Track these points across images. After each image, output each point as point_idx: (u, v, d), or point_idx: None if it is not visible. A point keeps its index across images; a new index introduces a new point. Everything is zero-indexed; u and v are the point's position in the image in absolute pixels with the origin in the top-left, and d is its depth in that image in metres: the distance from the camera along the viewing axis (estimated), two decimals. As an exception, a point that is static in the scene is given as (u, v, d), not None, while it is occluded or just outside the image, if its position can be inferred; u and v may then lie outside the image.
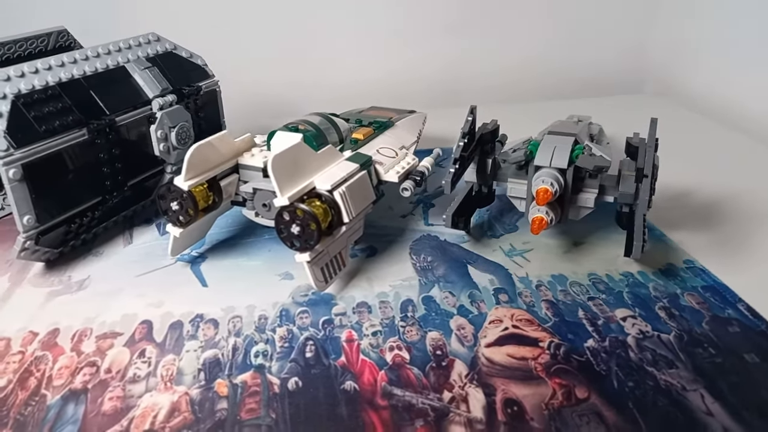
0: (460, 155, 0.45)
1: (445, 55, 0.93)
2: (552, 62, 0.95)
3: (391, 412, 0.33)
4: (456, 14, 0.91)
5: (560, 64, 0.95)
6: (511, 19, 0.93)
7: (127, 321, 0.42)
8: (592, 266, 0.46)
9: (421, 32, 0.91)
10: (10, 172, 0.40)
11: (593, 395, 0.34)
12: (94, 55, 0.49)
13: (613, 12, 0.93)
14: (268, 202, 0.45)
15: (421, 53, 0.92)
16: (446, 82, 0.94)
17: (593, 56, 0.95)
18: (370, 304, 0.43)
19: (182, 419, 0.33)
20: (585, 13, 0.93)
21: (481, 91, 0.93)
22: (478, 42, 0.93)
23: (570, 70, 0.95)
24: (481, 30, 0.92)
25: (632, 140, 0.46)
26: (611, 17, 0.94)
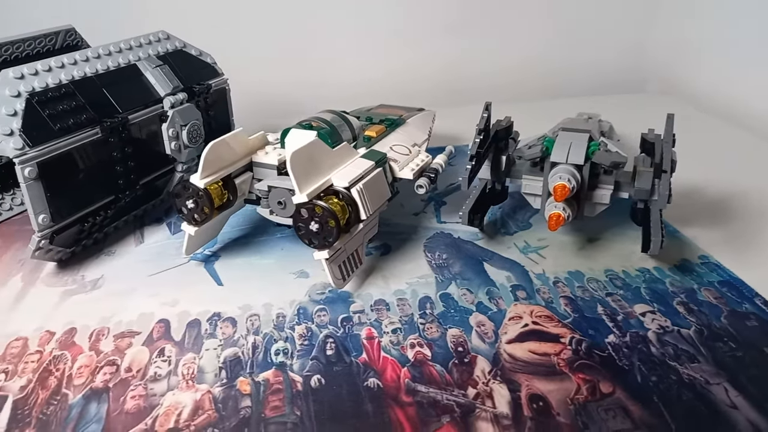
0: (477, 151, 0.45)
1: (447, 55, 0.93)
2: (554, 61, 0.95)
3: (417, 409, 0.33)
4: (457, 14, 0.91)
5: (562, 63, 0.95)
6: (513, 18, 0.93)
7: (144, 320, 0.41)
8: (608, 262, 0.46)
9: (423, 32, 0.91)
10: (26, 171, 0.40)
11: (618, 390, 0.34)
12: (106, 53, 0.49)
13: (615, 10, 0.94)
14: (284, 200, 0.44)
15: (423, 53, 0.92)
16: (448, 82, 0.94)
17: (595, 55, 0.96)
18: (388, 301, 0.43)
19: (206, 417, 0.33)
20: (587, 11, 0.93)
21: (483, 90, 0.93)
22: (480, 41, 0.93)
23: (572, 69, 0.96)
24: (483, 29, 0.93)
25: (647, 136, 0.46)
26: (613, 16, 0.94)
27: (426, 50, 0.92)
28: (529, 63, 0.95)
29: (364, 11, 0.89)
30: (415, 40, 0.91)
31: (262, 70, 0.86)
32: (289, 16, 0.87)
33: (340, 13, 0.88)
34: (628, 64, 0.97)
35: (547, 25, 0.94)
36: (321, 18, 0.88)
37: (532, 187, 0.48)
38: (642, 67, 0.97)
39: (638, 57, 0.96)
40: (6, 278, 0.46)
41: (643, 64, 0.96)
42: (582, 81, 0.96)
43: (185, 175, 0.54)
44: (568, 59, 0.95)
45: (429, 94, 0.91)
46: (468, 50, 0.93)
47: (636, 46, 0.96)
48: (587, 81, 0.96)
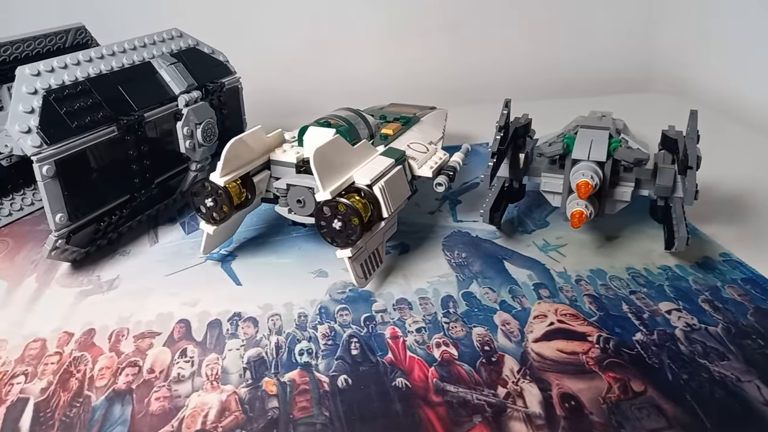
0: (498, 149, 0.44)
1: (450, 54, 0.93)
2: (559, 61, 0.95)
3: (447, 409, 0.33)
4: (462, 13, 0.91)
5: (568, 62, 0.95)
6: (518, 18, 0.93)
7: (163, 320, 0.41)
8: (629, 260, 0.46)
9: (427, 31, 0.91)
10: (44, 169, 0.39)
11: (649, 388, 0.34)
12: (120, 50, 0.48)
13: (621, 10, 0.94)
14: (303, 198, 0.44)
15: (430, 52, 0.92)
16: (453, 81, 0.93)
17: (601, 54, 0.96)
18: (410, 300, 0.42)
19: (234, 419, 0.33)
20: (593, 10, 0.93)
21: (487, 89, 0.93)
22: (485, 41, 0.93)
23: (578, 69, 0.96)
24: (487, 29, 0.92)
25: (669, 132, 0.46)
26: (619, 15, 0.94)
27: (432, 49, 0.92)
28: (534, 62, 0.95)
29: (371, 10, 0.89)
30: (421, 39, 0.91)
31: (268, 69, 0.86)
32: (295, 15, 0.86)
33: (346, 13, 0.88)
34: (634, 63, 0.97)
35: (552, 25, 0.94)
36: (327, 17, 0.88)
37: (552, 184, 0.47)
38: (648, 66, 0.96)
39: (644, 56, 0.96)
40: (20, 279, 0.46)
41: (649, 63, 0.96)
42: (587, 80, 0.95)
43: (199, 174, 0.54)
44: (573, 59, 0.95)
45: (435, 93, 0.91)
46: (473, 49, 0.93)
47: (642, 45, 0.96)
48: (593, 80, 0.96)
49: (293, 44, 0.88)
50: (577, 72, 0.95)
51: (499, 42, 0.93)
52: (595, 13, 0.93)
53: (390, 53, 0.91)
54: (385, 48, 0.91)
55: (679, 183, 0.45)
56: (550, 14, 0.93)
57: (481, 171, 0.61)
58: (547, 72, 0.94)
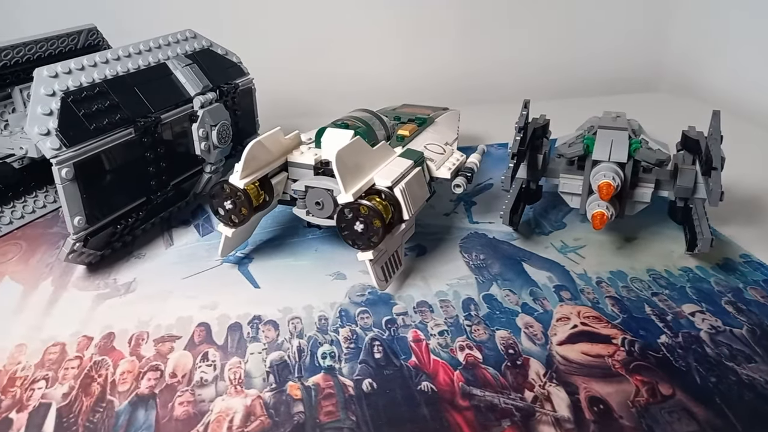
0: (519, 149, 0.44)
1: (459, 55, 0.93)
2: (567, 61, 0.95)
3: (475, 413, 0.33)
4: (470, 14, 0.91)
5: (576, 62, 0.95)
6: (527, 18, 0.92)
7: (183, 324, 0.40)
8: (649, 262, 0.46)
9: (436, 32, 0.91)
10: (63, 172, 0.39)
11: (678, 391, 0.34)
12: (136, 51, 0.48)
13: (629, 10, 0.93)
14: (321, 200, 0.43)
15: (436, 53, 0.91)
16: (462, 81, 0.93)
17: (609, 54, 0.95)
18: (430, 303, 0.42)
19: (259, 423, 0.32)
20: (601, 11, 0.93)
21: (495, 90, 0.93)
22: (492, 41, 0.92)
23: (586, 69, 0.95)
24: (495, 29, 0.92)
25: (690, 133, 0.46)
26: (627, 15, 0.94)
27: (441, 50, 0.92)
28: (542, 63, 0.94)
29: (380, 11, 0.88)
30: (431, 40, 0.91)
31: (276, 70, 0.85)
32: (305, 16, 0.86)
33: (356, 13, 0.88)
34: (644, 63, 0.96)
35: (560, 25, 0.94)
36: (337, 18, 0.87)
37: (571, 186, 0.47)
38: (656, 66, 0.96)
39: (654, 56, 0.96)
40: (36, 282, 0.45)
41: (659, 63, 0.96)
42: (595, 80, 0.95)
43: (213, 176, 0.53)
44: (581, 59, 0.95)
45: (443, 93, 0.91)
46: (481, 50, 0.93)
47: (650, 45, 0.95)
48: (601, 80, 0.95)
49: (303, 45, 0.87)
50: (586, 72, 0.95)
51: (507, 42, 0.92)
52: (604, 14, 0.93)
53: (399, 54, 0.90)
54: (394, 49, 0.90)
55: (700, 184, 0.44)
56: (558, 14, 0.93)
57: (495, 172, 0.61)
58: (555, 72, 0.94)
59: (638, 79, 0.96)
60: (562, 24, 0.93)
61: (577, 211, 0.48)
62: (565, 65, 0.94)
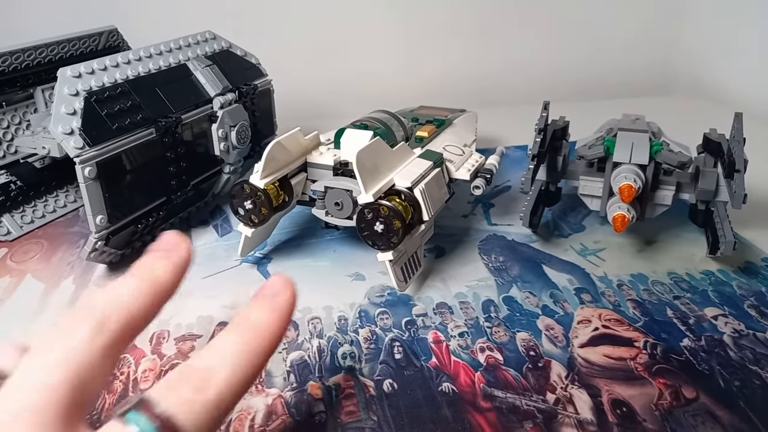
0: (539, 151, 0.44)
1: (474, 57, 0.92)
2: (580, 64, 0.94)
3: (497, 415, 0.32)
4: (485, 17, 0.91)
5: (589, 66, 0.94)
6: (540, 21, 0.92)
7: (203, 323, 0.41)
8: (670, 265, 0.45)
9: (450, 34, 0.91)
10: (86, 171, 0.39)
11: (701, 395, 0.33)
12: (157, 52, 0.48)
13: (642, 13, 0.93)
14: (341, 201, 0.43)
15: (451, 55, 0.91)
16: (475, 83, 0.93)
17: (622, 58, 0.95)
18: (450, 304, 0.42)
19: (281, 422, 0.32)
20: (614, 14, 0.93)
21: (508, 92, 0.93)
22: (508, 44, 0.92)
23: (599, 72, 0.95)
24: (510, 32, 0.92)
25: (711, 135, 0.45)
26: (641, 18, 0.93)
27: (455, 52, 0.91)
28: (555, 66, 0.94)
29: (394, 14, 0.88)
30: (445, 42, 0.91)
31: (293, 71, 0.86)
32: (321, 19, 0.86)
33: (371, 16, 0.88)
34: (656, 66, 0.96)
35: (574, 28, 0.93)
36: (352, 21, 0.87)
37: (590, 188, 0.47)
38: (670, 69, 0.96)
39: (666, 59, 0.95)
40: (58, 280, 0.46)
41: (671, 65, 0.96)
42: (610, 83, 0.95)
43: (232, 176, 0.54)
44: (597, 62, 0.95)
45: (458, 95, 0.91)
46: (495, 53, 0.93)
47: (664, 48, 0.95)
48: (615, 83, 0.95)
49: (319, 47, 0.88)
50: (600, 75, 0.94)
51: (521, 45, 0.92)
52: (617, 16, 0.93)
53: (415, 56, 0.90)
54: (410, 51, 0.90)
55: (721, 187, 0.44)
56: (572, 17, 0.92)
57: (512, 174, 0.61)
58: (568, 75, 0.94)
59: (653, 82, 0.96)
60: (575, 27, 0.93)
61: (596, 213, 0.48)
62: (579, 68, 0.94)
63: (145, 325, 0.26)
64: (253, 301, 0.27)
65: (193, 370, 0.23)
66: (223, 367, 0.24)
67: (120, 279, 0.26)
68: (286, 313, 0.27)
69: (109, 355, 0.24)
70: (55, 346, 0.23)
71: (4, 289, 0.45)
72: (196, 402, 0.22)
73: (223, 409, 0.23)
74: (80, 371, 0.22)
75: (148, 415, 0.22)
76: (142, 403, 0.22)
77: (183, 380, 0.23)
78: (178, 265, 0.28)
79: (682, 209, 0.50)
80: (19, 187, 0.52)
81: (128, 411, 0.22)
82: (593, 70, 0.95)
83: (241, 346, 0.25)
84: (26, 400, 0.21)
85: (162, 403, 0.22)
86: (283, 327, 0.26)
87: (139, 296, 0.25)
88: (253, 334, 0.25)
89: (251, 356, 0.24)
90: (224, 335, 0.25)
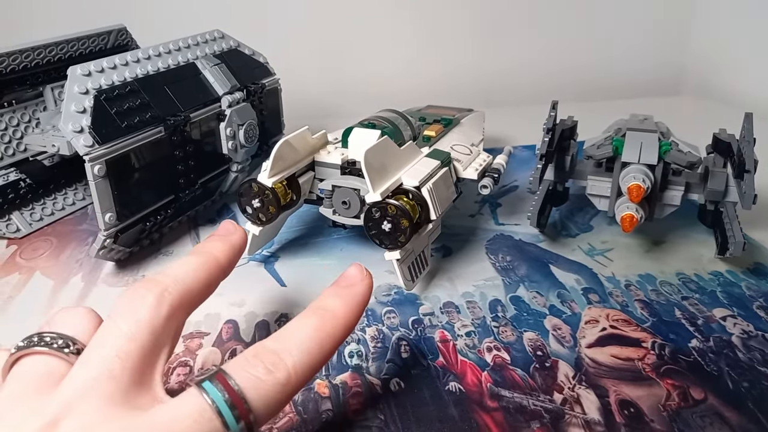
0: (547, 151, 0.44)
1: (481, 57, 0.92)
2: (587, 64, 0.94)
3: (504, 414, 0.32)
4: (492, 16, 0.90)
5: (596, 65, 0.94)
6: (549, 21, 0.92)
7: (211, 320, 0.41)
8: (679, 265, 0.45)
9: (457, 33, 0.90)
10: (95, 169, 0.39)
11: (710, 396, 0.33)
12: (166, 51, 0.48)
13: (651, 13, 0.93)
14: (348, 200, 0.44)
15: (457, 54, 0.91)
16: (482, 83, 0.93)
17: (631, 58, 0.94)
18: (457, 304, 0.42)
19: (288, 420, 0.32)
20: (623, 14, 0.92)
21: (515, 92, 0.93)
22: (515, 43, 0.92)
23: (606, 72, 0.95)
24: (517, 31, 0.92)
25: (721, 136, 0.45)
26: (650, 19, 0.93)
27: (462, 51, 0.91)
28: (564, 66, 0.94)
29: (401, 13, 0.88)
30: (451, 41, 0.91)
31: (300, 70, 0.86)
32: (329, 18, 0.86)
33: (377, 15, 0.88)
34: (665, 67, 0.96)
35: (582, 28, 0.93)
36: (360, 20, 0.87)
37: (599, 188, 0.47)
38: (679, 70, 0.95)
39: (675, 59, 0.95)
40: (67, 278, 0.46)
41: (681, 66, 0.95)
42: (618, 84, 0.95)
43: (239, 175, 0.54)
44: (605, 62, 0.94)
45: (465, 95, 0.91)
46: (502, 53, 0.92)
47: (673, 48, 0.95)
48: (624, 83, 0.95)
49: (327, 47, 0.88)
50: (609, 75, 0.94)
51: (529, 45, 0.92)
52: (625, 16, 0.92)
53: (422, 56, 0.90)
54: (417, 51, 0.90)
55: (731, 187, 0.44)
56: (581, 17, 0.92)
57: (520, 174, 0.61)
58: (576, 75, 0.94)
59: (661, 82, 0.95)
60: (584, 27, 0.93)
61: (604, 213, 0.48)
62: (587, 68, 0.94)
63: (203, 296, 0.29)
64: (330, 289, 0.29)
65: (267, 350, 0.25)
66: (296, 351, 0.25)
67: (182, 258, 0.29)
68: (361, 303, 0.29)
69: (173, 321, 0.26)
70: (126, 316, 0.25)
71: (13, 285, 0.45)
72: (267, 381, 0.24)
73: (290, 390, 0.25)
74: (150, 338, 0.25)
75: (222, 386, 0.23)
76: (218, 374, 0.24)
77: (257, 359, 0.25)
78: (233, 247, 0.32)
79: (690, 209, 0.49)
80: (29, 185, 0.52)
81: (204, 380, 0.24)
82: (602, 70, 0.94)
83: (314, 332, 0.26)
84: (104, 367, 0.24)
85: (235, 377, 0.24)
86: (356, 317, 0.28)
87: (196, 271, 0.29)
88: (327, 321, 0.27)
89: (323, 342, 0.26)
90: (299, 320, 0.27)
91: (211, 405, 0.23)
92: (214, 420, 0.22)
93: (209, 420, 0.22)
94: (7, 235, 0.51)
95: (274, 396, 0.24)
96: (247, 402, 0.23)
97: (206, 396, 0.23)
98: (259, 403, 0.24)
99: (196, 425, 0.22)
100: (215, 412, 0.23)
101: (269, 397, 0.24)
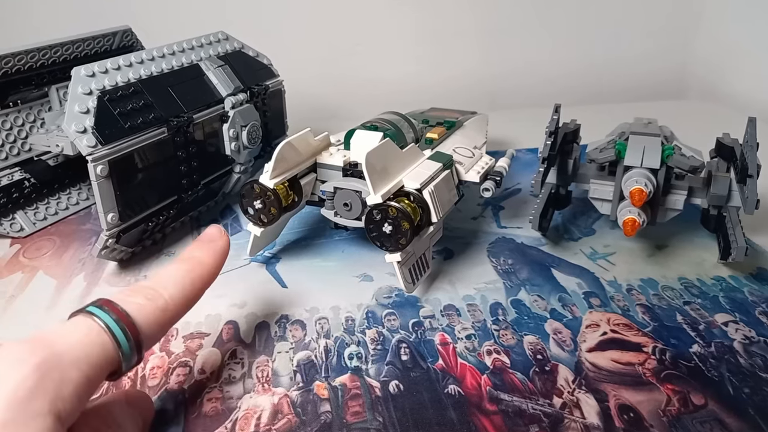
0: (549, 154, 0.44)
1: (485, 60, 0.92)
2: (592, 67, 0.94)
3: (503, 418, 0.32)
4: (496, 19, 0.90)
5: (600, 69, 0.94)
6: (552, 24, 0.92)
7: (212, 321, 0.41)
8: (681, 270, 0.45)
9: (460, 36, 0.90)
10: (98, 169, 0.40)
11: (710, 402, 0.33)
12: (170, 52, 0.48)
13: (657, 17, 0.92)
14: (350, 202, 0.44)
15: (460, 57, 0.91)
16: (485, 86, 0.93)
17: (636, 61, 0.94)
18: (458, 306, 0.42)
19: (287, 422, 0.32)
20: (628, 18, 0.92)
21: (518, 95, 0.93)
22: (519, 47, 0.92)
23: (610, 75, 0.94)
24: (521, 35, 0.92)
25: (724, 140, 0.45)
26: (655, 22, 0.93)
27: (465, 54, 0.91)
28: (568, 69, 0.94)
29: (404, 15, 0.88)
30: (454, 44, 0.91)
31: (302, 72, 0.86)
32: (333, 20, 0.86)
33: (382, 18, 0.88)
34: (670, 71, 0.95)
35: (585, 32, 0.93)
36: (364, 23, 0.88)
37: (601, 191, 0.47)
38: (683, 73, 0.95)
39: (679, 63, 0.95)
40: (69, 277, 0.46)
41: (685, 70, 0.95)
42: (622, 87, 0.94)
43: (242, 176, 0.54)
44: (608, 66, 0.94)
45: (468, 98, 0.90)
46: (505, 56, 0.92)
47: (677, 52, 0.94)
48: (628, 87, 0.94)
49: (331, 49, 0.88)
50: (612, 79, 0.94)
51: (532, 48, 0.92)
52: (630, 20, 0.92)
53: (426, 58, 0.90)
54: (421, 53, 0.90)
55: (734, 192, 0.44)
56: (583, 21, 0.92)
57: (523, 177, 0.61)
58: (580, 79, 0.93)
59: (665, 86, 0.95)
60: (587, 30, 0.92)
61: (607, 217, 0.48)
62: (591, 71, 0.94)
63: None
64: (195, 244, 0.34)
65: (145, 286, 0.29)
66: (171, 286, 0.30)
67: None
68: (222, 254, 0.34)
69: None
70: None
71: (16, 284, 0.45)
72: (147, 306, 0.28)
73: (170, 316, 0.29)
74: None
75: (109, 308, 0.27)
76: (102, 300, 0.27)
77: (137, 291, 0.29)
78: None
79: (693, 214, 0.49)
80: (33, 185, 0.53)
81: (88, 306, 0.27)
82: (605, 74, 0.94)
83: (186, 272, 0.31)
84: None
85: (120, 304, 0.27)
86: (219, 265, 0.33)
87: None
88: (196, 265, 0.32)
89: (194, 281, 0.31)
90: (171, 265, 0.32)
91: (102, 325, 0.26)
92: (102, 334, 0.25)
93: (98, 334, 0.25)
94: (11, 235, 0.51)
95: (155, 320, 0.28)
96: (132, 320, 0.27)
97: (96, 319, 0.26)
98: (144, 324, 0.27)
99: (86, 339, 0.25)
100: (106, 331, 0.25)
101: (151, 321, 0.28)
